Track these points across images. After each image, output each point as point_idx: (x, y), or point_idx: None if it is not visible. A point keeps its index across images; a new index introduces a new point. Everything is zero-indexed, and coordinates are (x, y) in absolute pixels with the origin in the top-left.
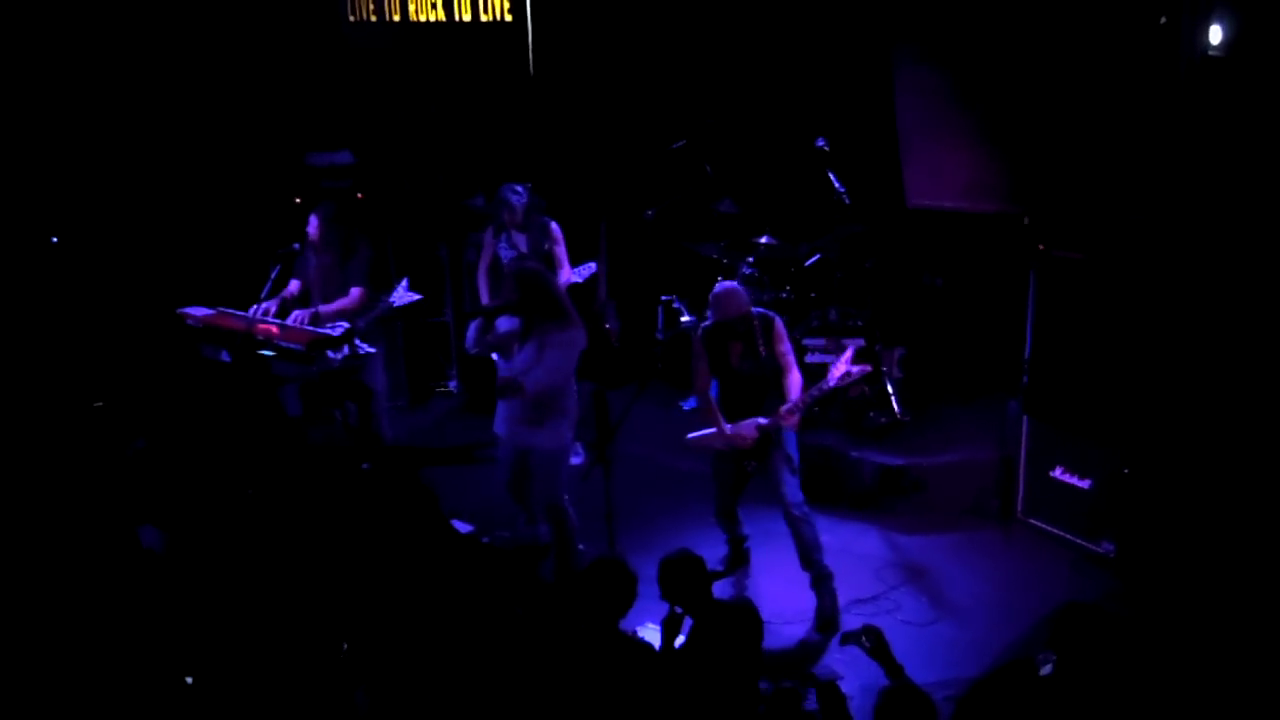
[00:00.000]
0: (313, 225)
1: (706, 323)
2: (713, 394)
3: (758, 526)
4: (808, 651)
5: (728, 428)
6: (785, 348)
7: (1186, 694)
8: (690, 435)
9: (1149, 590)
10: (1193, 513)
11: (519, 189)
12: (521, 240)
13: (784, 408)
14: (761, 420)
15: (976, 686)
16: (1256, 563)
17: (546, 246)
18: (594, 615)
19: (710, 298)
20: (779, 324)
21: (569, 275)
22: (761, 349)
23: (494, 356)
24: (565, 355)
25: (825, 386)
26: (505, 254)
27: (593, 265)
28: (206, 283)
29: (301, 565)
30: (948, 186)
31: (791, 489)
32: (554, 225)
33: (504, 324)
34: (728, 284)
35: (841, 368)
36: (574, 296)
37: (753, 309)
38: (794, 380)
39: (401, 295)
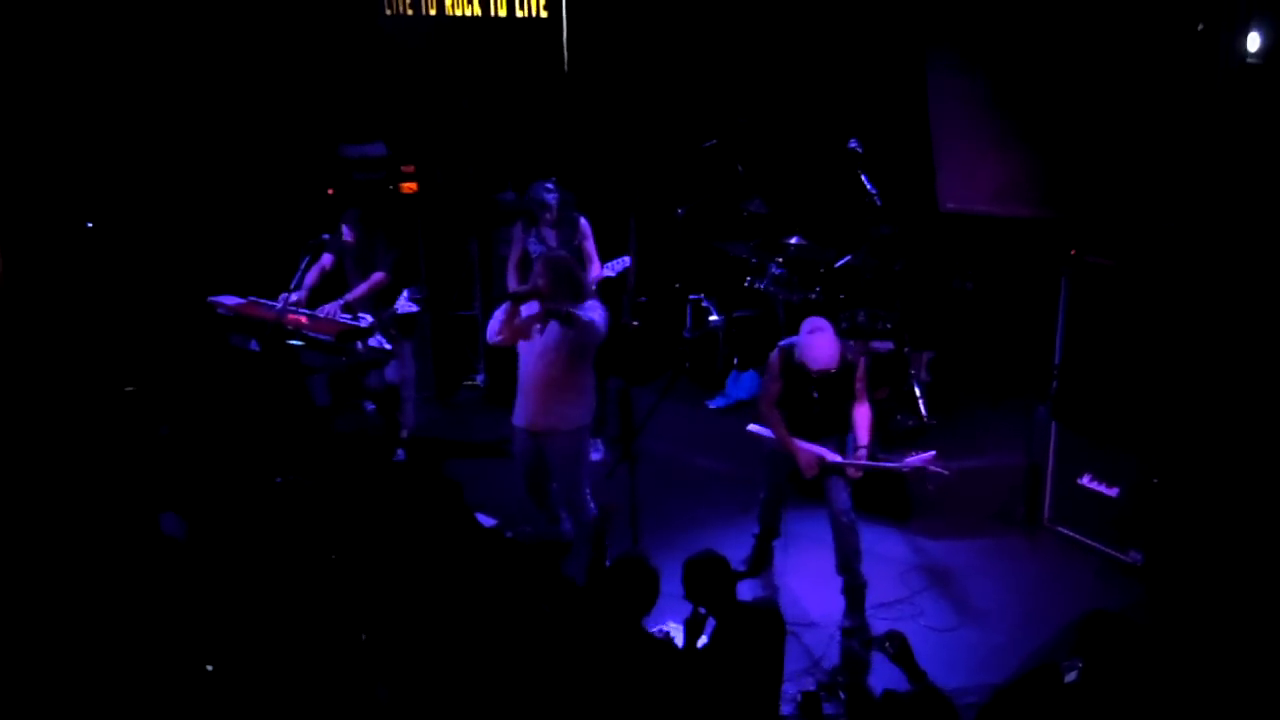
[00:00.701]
0: (346, 233)
1: (790, 343)
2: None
3: (783, 529)
4: (834, 658)
5: (798, 442)
6: (860, 385)
7: (1212, 706)
8: (752, 426)
9: (1176, 601)
10: (1222, 523)
11: (550, 186)
12: (551, 236)
13: (853, 464)
14: (829, 455)
15: (1000, 693)
16: None
17: (576, 242)
18: (617, 613)
19: (802, 341)
20: (861, 366)
21: (599, 270)
22: (838, 391)
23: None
24: (586, 333)
25: (897, 465)
26: (535, 249)
27: (626, 259)
28: (238, 271)
29: (325, 555)
30: (980, 191)
31: (841, 496)
32: (584, 221)
33: (527, 310)
34: (821, 330)
35: (920, 461)
36: (602, 291)
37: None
38: (863, 414)
39: (403, 304)
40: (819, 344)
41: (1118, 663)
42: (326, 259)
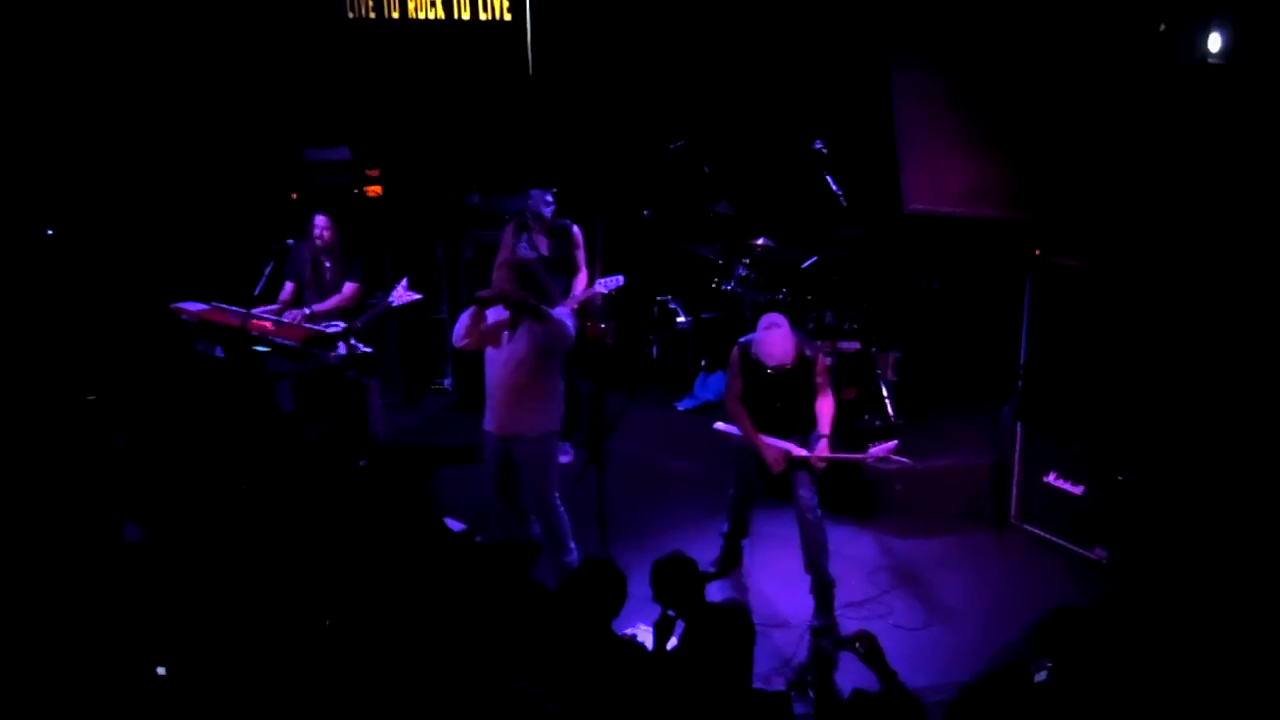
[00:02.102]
0: (321, 225)
1: (748, 340)
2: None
3: (752, 527)
4: (803, 657)
5: (763, 438)
6: (822, 380)
7: (1177, 701)
8: (718, 425)
9: (1141, 597)
10: (1186, 520)
11: (549, 198)
12: (544, 243)
13: (817, 454)
14: (795, 449)
15: (967, 691)
16: (1249, 570)
17: (568, 251)
18: (585, 616)
19: (758, 338)
20: (820, 363)
21: (584, 282)
22: (799, 387)
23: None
24: (552, 340)
25: (862, 457)
26: (525, 254)
27: (619, 278)
28: (202, 278)
29: (291, 562)
30: (945, 192)
31: (808, 492)
32: (576, 230)
33: (494, 316)
34: (777, 326)
35: (885, 452)
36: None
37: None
38: (825, 406)
39: (401, 295)
40: (773, 339)
41: (1083, 659)
42: (287, 288)
